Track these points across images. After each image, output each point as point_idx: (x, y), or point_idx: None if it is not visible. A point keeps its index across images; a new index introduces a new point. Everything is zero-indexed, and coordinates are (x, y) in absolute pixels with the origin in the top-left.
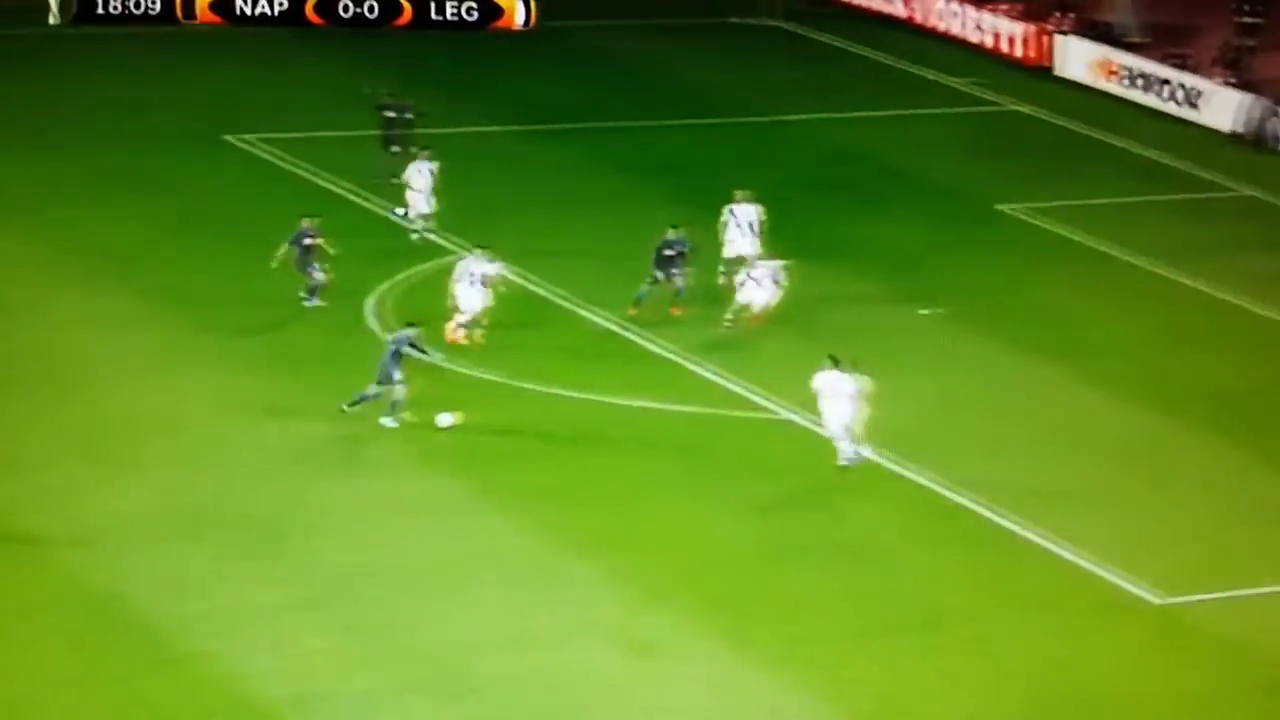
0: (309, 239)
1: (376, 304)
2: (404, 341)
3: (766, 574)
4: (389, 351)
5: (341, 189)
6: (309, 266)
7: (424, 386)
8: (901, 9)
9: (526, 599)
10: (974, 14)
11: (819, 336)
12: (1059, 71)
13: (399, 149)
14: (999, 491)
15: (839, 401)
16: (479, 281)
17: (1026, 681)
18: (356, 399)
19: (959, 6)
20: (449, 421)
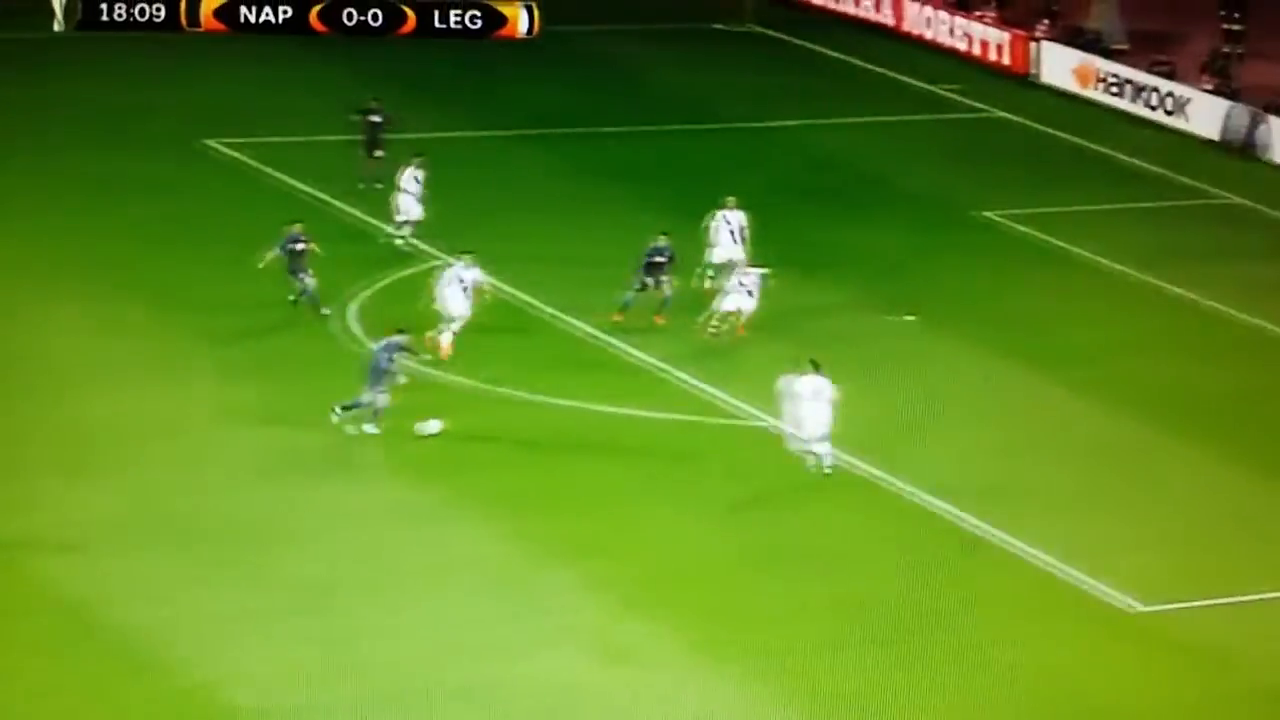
0: (297, 244)
1: (359, 311)
2: (394, 348)
3: (746, 582)
4: (378, 358)
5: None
6: (299, 272)
7: (406, 394)
8: (890, 16)
9: (506, 606)
10: (955, 20)
11: (800, 343)
12: (1041, 78)
13: (383, 153)
14: (978, 498)
15: (819, 405)
16: (469, 288)
17: (1007, 690)
18: (350, 405)
19: (940, 13)
20: (431, 429)
